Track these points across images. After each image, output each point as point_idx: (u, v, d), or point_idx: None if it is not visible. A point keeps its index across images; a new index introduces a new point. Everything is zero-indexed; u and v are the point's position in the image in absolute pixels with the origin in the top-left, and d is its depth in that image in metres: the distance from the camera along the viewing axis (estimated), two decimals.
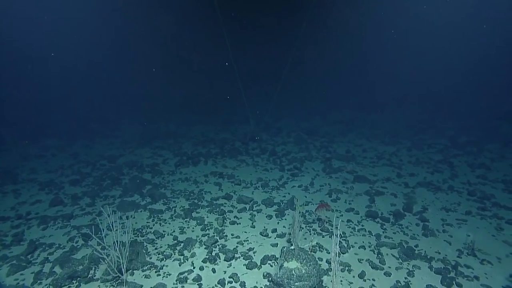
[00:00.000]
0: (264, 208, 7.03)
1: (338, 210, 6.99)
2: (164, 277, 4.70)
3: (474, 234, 5.91)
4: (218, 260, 5.14)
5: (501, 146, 11.44)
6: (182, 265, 5.01)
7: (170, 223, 6.34)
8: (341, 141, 12.68)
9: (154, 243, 5.63)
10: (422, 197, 7.68)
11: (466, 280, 4.69)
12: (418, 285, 4.59)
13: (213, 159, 10.34)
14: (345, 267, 4.99)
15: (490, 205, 7.17)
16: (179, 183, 8.43)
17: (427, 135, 13.34)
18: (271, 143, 12.34)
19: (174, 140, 12.73)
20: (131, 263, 4.79)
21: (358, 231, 6.11)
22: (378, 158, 10.63)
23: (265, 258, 5.16)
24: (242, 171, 9.28)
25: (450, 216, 6.76)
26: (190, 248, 5.41)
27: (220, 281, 4.60)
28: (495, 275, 4.80)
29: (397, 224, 6.40)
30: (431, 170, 9.50)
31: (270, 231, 6.07)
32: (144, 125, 15.35)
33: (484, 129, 13.65)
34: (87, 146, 12.00)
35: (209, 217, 6.55)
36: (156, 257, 5.20)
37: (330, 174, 9.09)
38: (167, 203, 7.17)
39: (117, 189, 7.92)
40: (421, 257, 5.27)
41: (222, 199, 7.47)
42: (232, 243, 5.66)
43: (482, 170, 9.40)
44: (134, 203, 7.04)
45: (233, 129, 14.62)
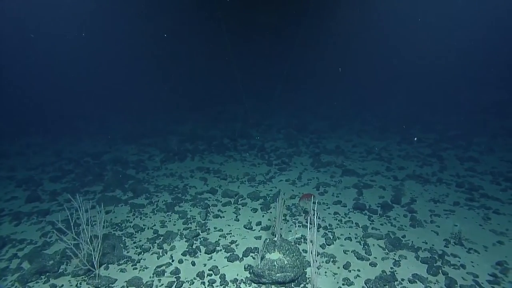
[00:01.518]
0: (249, 201, 6.85)
1: (325, 203, 6.84)
2: (141, 271, 4.49)
3: (461, 224, 5.82)
4: (198, 253, 4.94)
5: (489, 139, 11.46)
6: (160, 258, 4.80)
7: (151, 217, 6.12)
8: (331, 137, 12.58)
9: (133, 237, 5.41)
10: (411, 189, 7.58)
11: (453, 269, 4.58)
12: (404, 274, 4.46)
13: (200, 155, 10.13)
14: (330, 259, 4.83)
15: (478, 196, 7.10)
16: (163, 179, 8.21)
17: (416, 129, 13.33)
18: (261, 139, 12.17)
19: (161, 137, 12.48)
20: (105, 257, 4.57)
21: (345, 223, 5.97)
22: (367, 153, 10.54)
23: (247, 250, 4.98)
24: (229, 166, 9.09)
25: (438, 207, 6.67)
26: (170, 241, 5.20)
27: (199, 274, 4.40)
28: (482, 263, 4.70)
29: (384, 216, 6.28)
30: (421, 164, 9.43)
31: (255, 224, 5.89)
32: (131, 123, 15.06)
33: (472, 123, 13.69)
34: (71, 144, 11.69)
35: (192, 211, 6.35)
36: (134, 250, 4.98)
37: (318, 168, 8.95)
38: (149, 198, 6.95)
39: (99, 185, 7.66)
40: (408, 247, 5.15)
41: (206, 193, 7.27)
42: (215, 236, 5.46)
43: (470, 163, 9.36)
44: (115, 198, 6.80)
45: (223, 126, 14.41)
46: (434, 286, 4.21)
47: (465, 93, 16.60)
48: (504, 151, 10.26)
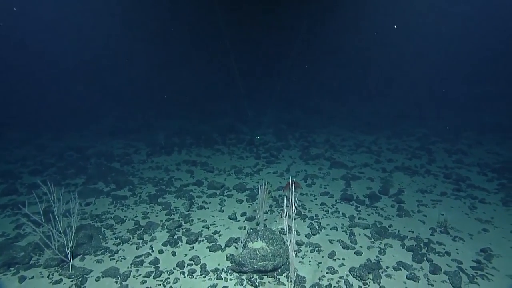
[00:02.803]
0: (235, 193, 6.71)
1: (313, 194, 6.75)
2: (118, 261, 4.32)
3: (448, 213, 5.79)
4: (179, 243, 4.79)
5: (478, 133, 11.54)
6: (140, 249, 4.64)
7: (133, 208, 5.95)
8: (321, 132, 12.52)
9: (113, 228, 5.23)
10: (399, 180, 7.55)
11: (437, 256, 4.52)
12: (389, 262, 4.38)
13: (187, 148, 9.95)
14: (314, 248, 4.73)
15: (465, 187, 7.10)
16: (149, 171, 8.02)
17: (406, 124, 13.36)
18: (250, 134, 12.03)
19: (149, 132, 12.26)
20: (81, 247, 4.39)
21: (332, 214, 5.88)
22: (357, 146, 10.50)
23: (230, 240, 4.84)
24: (216, 159, 8.94)
25: (426, 197, 6.64)
26: (150, 232, 5.04)
27: (179, 264, 4.25)
28: (466, 251, 4.65)
29: (372, 206, 6.21)
30: (409, 156, 9.43)
31: (239, 214, 5.76)
32: (119, 118, 14.77)
33: (461, 117, 13.79)
34: (56, 138, 11.38)
35: (176, 202, 6.19)
36: (112, 241, 4.81)
37: (307, 161, 8.87)
38: (132, 190, 6.76)
39: (81, 178, 7.44)
40: (394, 236, 5.08)
41: (192, 185, 7.11)
42: (198, 226, 5.32)
43: (459, 155, 9.39)
44: (97, 190, 6.60)
45: (212, 122, 14.22)
46: (418, 272, 4.14)
47: (455, 89, 16.74)
48: (491, 144, 10.34)
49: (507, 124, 12.38)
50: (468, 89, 16.18)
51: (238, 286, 3.87)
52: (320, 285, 3.85)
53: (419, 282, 3.97)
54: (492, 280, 3.97)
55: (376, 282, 3.96)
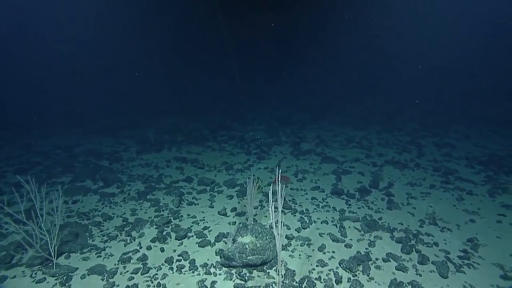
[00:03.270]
0: (225, 189, 6.66)
1: (303, 189, 6.74)
2: (105, 259, 4.23)
3: (436, 205, 5.85)
4: (168, 239, 4.73)
5: (466, 127, 11.71)
6: (127, 245, 4.56)
7: (122, 205, 5.85)
8: (312, 128, 12.54)
9: (100, 225, 5.13)
10: (389, 174, 7.60)
11: (426, 247, 4.56)
12: (379, 254, 4.40)
13: (178, 146, 9.84)
14: (305, 242, 4.72)
15: (454, 179, 7.19)
16: (138, 168, 7.91)
17: (397, 119, 13.48)
18: (241, 131, 11.98)
19: (140, 130, 12.09)
20: (66, 245, 4.29)
21: (322, 208, 5.88)
22: (348, 142, 10.54)
23: (220, 235, 4.80)
24: (206, 156, 8.86)
25: (415, 190, 6.70)
26: (139, 229, 4.96)
27: (167, 260, 4.20)
28: (454, 241, 4.71)
29: (362, 200, 6.24)
30: (400, 151, 9.51)
31: (229, 210, 5.72)
32: (109, 116, 14.54)
33: (450, 112, 13.99)
34: (43, 137, 11.13)
35: (165, 199, 6.11)
36: (99, 239, 4.72)
37: (298, 156, 8.86)
38: (121, 187, 6.65)
39: (68, 176, 7.28)
40: (384, 228, 5.11)
41: (182, 182, 7.04)
42: (187, 222, 5.26)
43: (447, 149, 9.51)
44: (84, 188, 6.47)
45: (204, 119, 14.10)
46: (407, 263, 4.17)
47: (444, 84, 16.97)
48: (479, 138, 10.50)
49: (494, 118, 12.60)
50: (458, 84, 16.42)
51: (227, 281, 3.83)
52: (309, 278, 3.84)
53: (408, 272, 4.00)
54: (478, 269, 4.03)
55: (366, 274, 3.97)
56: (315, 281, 3.83)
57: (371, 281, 3.86)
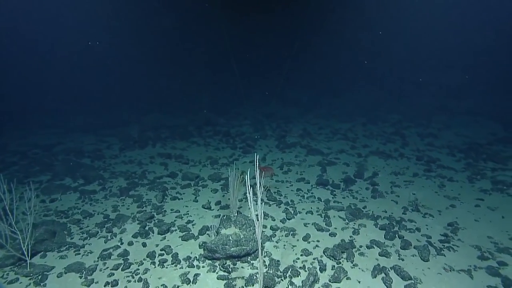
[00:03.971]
0: (210, 183, 6.58)
1: (289, 180, 6.73)
2: (84, 256, 4.09)
3: (419, 192, 5.95)
4: (151, 234, 4.62)
5: (447, 117, 11.98)
6: (108, 242, 4.43)
7: (103, 202, 5.68)
8: (298, 121, 12.54)
9: (80, 223, 4.96)
10: (374, 164, 7.68)
11: (408, 233, 4.63)
12: (362, 241, 4.43)
13: (162, 142, 9.67)
14: (289, 232, 4.71)
15: (436, 167, 7.33)
16: (121, 165, 7.71)
17: (380, 111, 13.66)
18: (227, 126, 11.87)
19: (123, 127, 11.80)
20: (42, 244, 4.12)
21: (307, 198, 5.88)
22: (333, 134, 10.61)
23: (203, 229, 4.73)
24: (191, 151, 8.73)
25: (399, 179, 6.80)
26: (120, 225, 4.83)
27: (149, 254, 4.10)
28: (435, 226, 4.79)
29: (347, 190, 6.28)
30: (384, 141, 9.63)
31: (214, 204, 5.64)
32: (91, 114, 14.12)
33: (432, 103, 14.29)
34: (20, 137, 10.71)
35: (149, 194, 5.98)
36: (78, 236, 4.56)
37: (283, 149, 8.84)
38: (102, 184, 6.46)
39: (46, 175, 7.03)
40: (368, 216, 5.15)
41: (166, 177, 6.90)
42: (171, 217, 5.15)
43: (430, 138, 9.70)
44: (63, 186, 6.26)
45: (189, 115, 13.87)
46: (390, 249, 4.21)
47: (427, 77, 17.27)
48: (459, 127, 10.76)
49: (473, 108, 12.95)
50: (439, 77, 16.75)
51: (210, 273, 3.77)
52: (294, 267, 3.82)
53: (391, 257, 4.04)
54: (457, 251, 4.11)
55: (350, 261, 3.98)
56: (300, 270, 3.81)
57: (355, 267, 3.88)
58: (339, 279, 3.62)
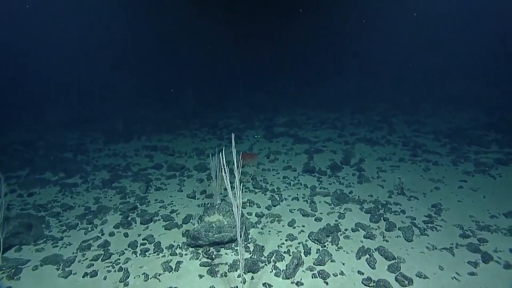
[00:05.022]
0: (196, 173, 6.48)
1: (275, 169, 6.68)
2: (62, 248, 3.97)
3: (404, 177, 5.96)
4: (133, 224, 4.51)
5: (433, 104, 12.11)
6: (88, 233, 4.30)
7: (84, 195, 5.53)
8: (286, 112, 12.47)
9: (59, 216, 4.81)
10: (361, 151, 7.69)
11: (394, 215, 4.63)
12: (348, 225, 4.41)
13: (148, 135, 9.48)
14: (275, 218, 4.66)
15: (421, 152, 7.38)
16: (105, 159, 7.53)
17: (368, 100, 13.71)
18: (214, 118, 11.72)
19: (108, 122, 11.54)
20: (17, 237, 3.97)
21: (293, 186, 5.84)
22: (321, 123, 10.59)
23: (187, 217, 4.64)
24: (177, 143, 8.59)
25: (385, 164, 6.82)
26: (101, 216, 4.70)
27: (131, 244, 3.99)
28: (420, 208, 4.82)
29: (334, 176, 6.26)
30: (371, 129, 9.67)
31: (199, 193, 5.55)
32: (75, 109, 13.75)
33: (418, 91, 14.42)
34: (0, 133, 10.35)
35: (132, 186, 5.84)
36: (57, 229, 4.42)
37: (270, 139, 8.78)
38: (84, 177, 6.29)
39: (25, 170, 6.80)
40: (354, 200, 5.15)
41: (151, 169, 6.76)
42: (154, 207, 5.04)
43: (416, 125, 9.77)
44: (43, 180, 6.06)
45: (176, 109, 13.65)
46: (375, 231, 4.21)
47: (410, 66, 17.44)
48: (445, 114, 10.88)
49: (458, 96, 13.11)
50: (424, 66, 16.91)
51: (193, 260, 3.70)
52: (278, 252, 3.78)
53: (375, 239, 4.04)
54: (440, 231, 4.13)
55: (334, 244, 3.96)
56: (284, 254, 3.77)
57: (340, 250, 3.85)
58: (323, 262, 3.60)
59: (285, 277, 3.37)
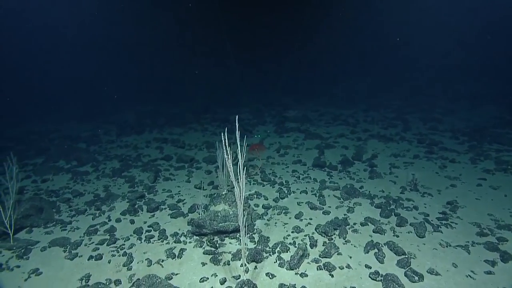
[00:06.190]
0: (204, 165, 6.47)
1: (285, 163, 6.58)
2: (70, 231, 4.03)
3: (419, 173, 5.74)
4: (140, 212, 4.54)
5: (450, 102, 11.65)
6: (96, 219, 4.36)
7: (95, 182, 5.62)
8: (298, 109, 12.32)
9: (70, 201, 4.91)
10: (373, 147, 7.47)
11: (405, 211, 4.45)
12: (357, 219, 4.27)
13: (159, 128, 9.57)
14: (282, 211, 4.57)
15: (438, 150, 7.10)
16: (117, 149, 7.65)
17: (382, 98, 13.35)
18: (226, 113, 11.72)
19: (121, 115, 11.75)
20: (28, 219, 4.06)
21: (303, 179, 5.73)
22: (333, 120, 10.39)
23: (194, 207, 4.62)
24: (188, 136, 8.63)
25: (399, 160, 6.59)
26: (109, 203, 4.75)
27: (136, 231, 4.01)
28: (434, 204, 4.61)
29: (344, 171, 6.10)
30: (385, 126, 9.39)
31: (207, 184, 5.54)
32: (90, 104, 14.08)
33: (435, 88, 13.92)
34: (18, 125, 10.73)
35: (141, 176, 5.90)
36: (67, 214, 4.50)
37: (281, 134, 8.68)
38: (96, 166, 6.40)
39: (41, 158, 6.99)
40: (364, 195, 4.99)
41: (160, 160, 6.81)
42: (161, 196, 5.06)
43: (433, 123, 9.42)
44: (56, 167, 6.21)
45: (187, 104, 13.74)
46: (385, 226, 4.05)
47: (428, 62, 16.83)
48: (463, 112, 10.45)
49: (477, 93, 12.56)
50: (439, 63, 16.27)
51: (197, 248, 3.67)
52: (283, 243, 3.69)
53: (385, 234, 3.88)
54: (455, 228, 3.93)
55: (342, 237, 3.84)
56: (289, 245, 3.69)
57: (347, 243, 3.73)
58: (329, 255, 3.48)
59: (289, 268, 3.28)
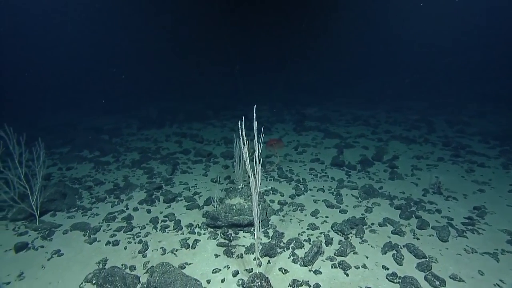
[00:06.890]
0: (222, 160, 6.50)
1: (303, 161, 6.49)
2: (90, 217, 4.17)
3: (443, 176, 5.48)
4: (156, 202, 4.62)
5: (480, 104, 11.05)
6: (114, 207, 4.49)
7: (115, 172, 5.79)
8: (319, 108, 12.14)
9: (91, 190, 5.08)
10: (395, 148, 7.22)
11: (427, 213, 4.25)
12: (375, 219, 4.13)
13: (179, 123, 9.74)
14: (297, 207, 4.50)
15: (465, 153, 6.75)
16: (137, 142, 7.85)
17: (406, 100, 12.88)
18: (245, 110, 11.74)
19: (143, 110, 12.07)
20: (53, 203, 4.24)
21: (320, 178, 5.62)
22: (354, 120, 10.14)
23: (209, 200, 4.65)
24: (207, 132, 8.71)
25: (421, 162, 6.32)
26: (128, 192, 4.87)
27: (152, 220, 4.09)
28: (459, 209, 4.37)
29: (364, 171, 5.93)
30: (408, 127, 9.06)
31: (223, 178, 5.56)
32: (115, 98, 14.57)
33: (462, 90, 13.25)
34: (48, 116, 11.29)
35: (159, 168, 6.01)
36: (88, 201, 4.67)
37: (300, 132, 8.57)
38: (116, 156, 6.60)
39: (67, 147, 7.31)
40: (384, 196, 4.82)
41: (179, 153, 6.92)
42: (178, 188, 5.13)
43: (460, 126, 8.97)
44: (81, 157, 6.47)
45: (207, 101, 13.87)
46: (405, 228, 3.89)
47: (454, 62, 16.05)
48: (493, 114, 9.87)
49: (506, 94, 11.82)
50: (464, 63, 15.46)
51: (210, 240, 3.68)
52: (298, 240, 3.63)
53: (405, 236, 3.73)
54: (482, 234, 3.70)
55: (359, 237, 3.72)
56: (304, 242, 3.62)
57: (364, 243, 3.61)
58: (345, 253, 3.39)
59: (303, 264, 3.22)
